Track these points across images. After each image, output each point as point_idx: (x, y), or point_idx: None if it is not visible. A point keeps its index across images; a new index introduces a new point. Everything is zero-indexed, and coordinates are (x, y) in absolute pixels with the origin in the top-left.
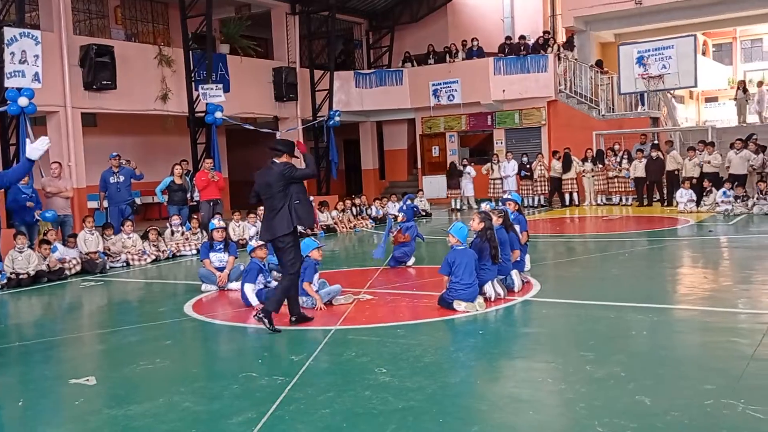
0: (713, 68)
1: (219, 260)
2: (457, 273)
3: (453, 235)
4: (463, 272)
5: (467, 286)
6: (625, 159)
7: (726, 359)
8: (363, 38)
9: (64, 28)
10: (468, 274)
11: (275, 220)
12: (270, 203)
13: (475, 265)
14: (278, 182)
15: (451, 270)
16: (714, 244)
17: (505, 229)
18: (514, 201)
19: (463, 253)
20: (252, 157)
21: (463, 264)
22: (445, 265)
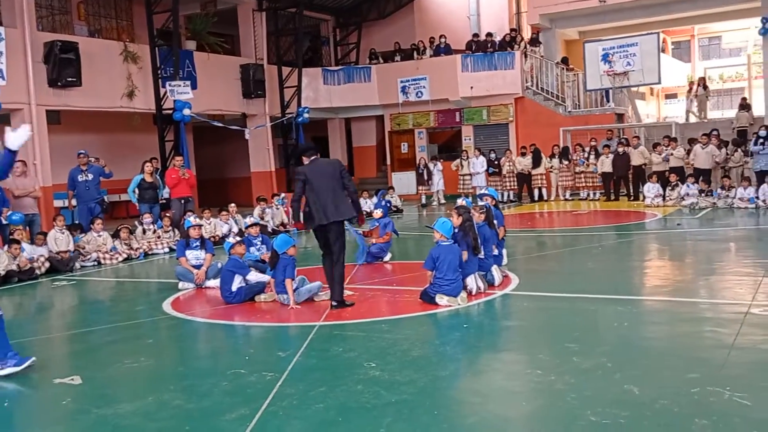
0: (673, 65)
1: (196, 258)
2: (441, 269)
3: (437, 230)
4: (447, 268)
5: (451, 282)
6: (592, 155)
7: (707, 348)
8: (330, 35)
9: (27, 24)
10: (452, 270)
11: (343, 205)
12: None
13: (459, 261)
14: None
15: (435, 265)
16: (682, 237)
17: (488, 225)
18: (491, 196)
19: (448, 249)
20: (220, 155)
21: (447, 260)
22: (429, 260)
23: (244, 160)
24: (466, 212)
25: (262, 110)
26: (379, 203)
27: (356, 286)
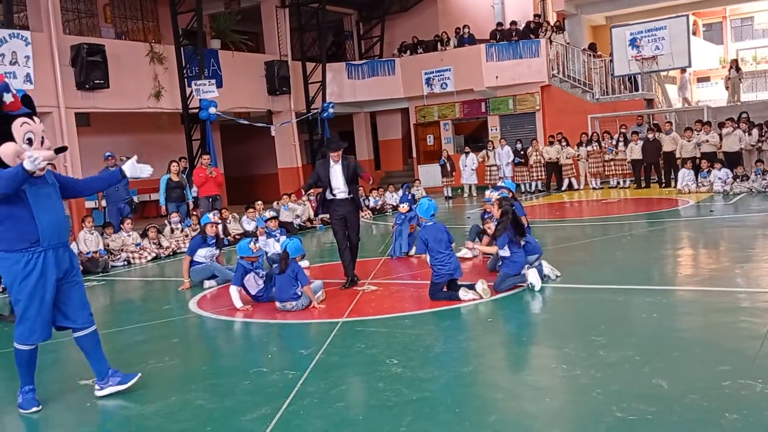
0: (704, 48)
1: (211, 254)
2: (433, 248)
3: (420, 215)
4: (438, 246)
5: (448, 256)
6: (621, 142)
7: (739, 339)
8: (353, 29)
9: (54, 28)
10: (443, 245)
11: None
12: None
13: (448, 237)
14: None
15: (428, 247)
16: (715, 224)
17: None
18: (508, 188)
19: (433, 228)
20: (247, 152)
21: (435, 238)
22: (420, 244)
23: (271, 156)
24: (507, 203)
25: (288, 107)
26: (404, 197)
27: (380, 281)
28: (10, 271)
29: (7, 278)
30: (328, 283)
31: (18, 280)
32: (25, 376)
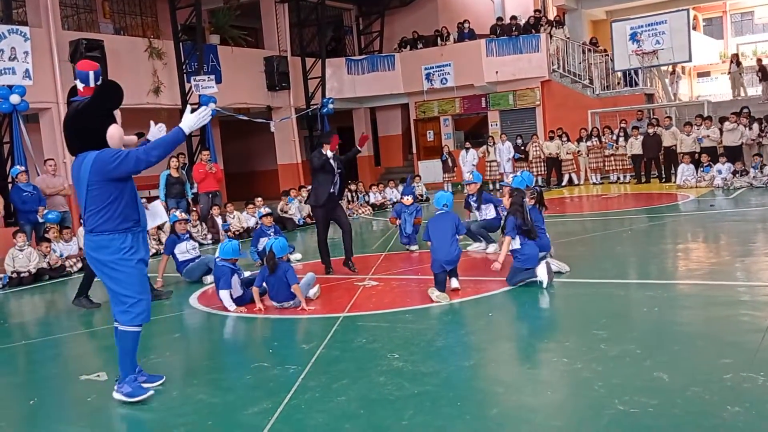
0: (704, 43)
1: (192, 247)
2: (436, 237)
3: (434, 205)
4: (441, 236)
5: (447, 251)
6: (622, 137)
7: (740, 333)
8: (353, 24)
9: (53, 24)
10: (446, 236)
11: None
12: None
13: (457, 228)
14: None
15: (430, 235)
16: (715, 219)
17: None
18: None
19: (441, 217)
20: (247, 148)
21: (439, 227)
22: (425, 231)
23: (271, 152)
24: (519, 194)
25: (287, 102)
26: (407, 189)
27: (381, 276)
28: (118, 251)
29: (111, 258)
30: (330, 278)
31: (125, 260)
32: (131, 362)
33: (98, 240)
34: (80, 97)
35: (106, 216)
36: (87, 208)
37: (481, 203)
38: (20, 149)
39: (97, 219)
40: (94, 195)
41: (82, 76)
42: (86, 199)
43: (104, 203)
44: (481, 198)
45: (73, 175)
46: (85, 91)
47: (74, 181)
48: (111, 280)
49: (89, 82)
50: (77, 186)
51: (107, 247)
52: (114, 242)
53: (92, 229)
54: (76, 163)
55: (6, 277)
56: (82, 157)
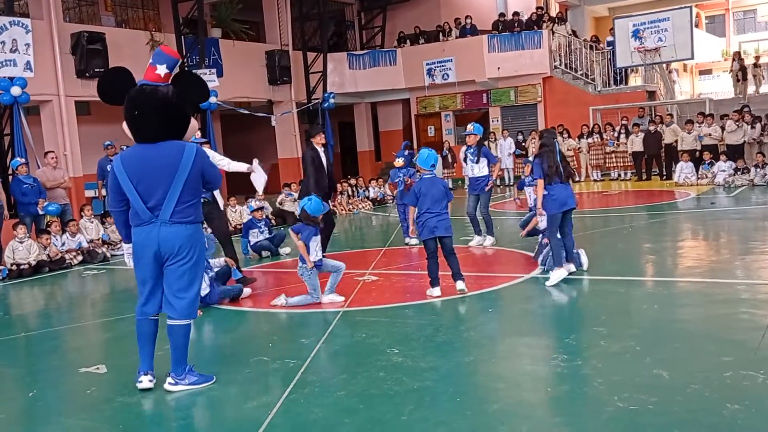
0: (707, 40)
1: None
2: (424, 202)
3: (419, 165)
4: (430, 201)
5: (436, 215)
6: (623, 134)
7: (741, 331)
8: (355, 19)
9: (54, 16)
10: (436, 202)
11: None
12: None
13: (446, 196)
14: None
15: (417, 199)
16: (716, 217)
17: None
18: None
19: (430, 182)
20: (248, 142)
21: (429, 193)
22: (411, 194)
23: (272, 147)
24: (549, 135)
25: (288, 97)
26: (402, 152)
27: (381, 271)
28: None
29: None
30: (329, 273)
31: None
32: (186, 354)
33: (194, 229)
34: (157, 83)
35: (198, 208)
36: (183, 199)
37: (480, 157)
38: (21, 141)
39: (194, 210)
40: (192, 187)
41: (171, 62)
42: (182, 190)
43: (198, 195)
44: (481, 152)
45: (146, 162)
46: (166, 77)
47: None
48: (190, 272)
49: (174, 69)
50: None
51: (199, 238)
52: (202, 233)
53: (190, 220)
54: (149, 151)
55: (5, 269)
56: (169, 145)
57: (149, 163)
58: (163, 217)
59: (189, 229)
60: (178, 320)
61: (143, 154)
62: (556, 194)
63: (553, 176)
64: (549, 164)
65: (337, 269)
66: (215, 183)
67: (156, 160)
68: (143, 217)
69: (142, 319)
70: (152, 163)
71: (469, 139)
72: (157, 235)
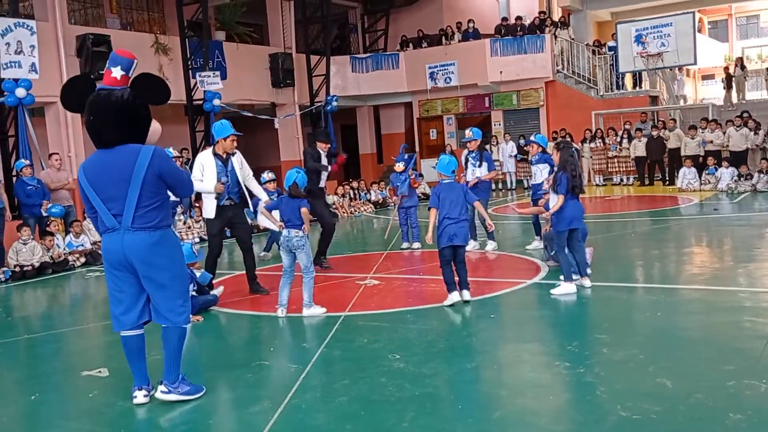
0: (709, 46)
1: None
2: (443, 207)
3: (439, 171)
4: (450, 206)
5: (455, 221)
6: (626, 138)
7: (744, 339)
8: (358, 22)
9: (59, 18)
10: (455, 207)
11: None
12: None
13: (466, 198)
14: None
15: (439, 203)
16: (719, 223)
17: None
18: (538, 143)
19: (449, 186)
20: (251, 145)
21: (449, 198)
22: (433, 197)
23: (275, 149)
24: (567, 147)
25: (291, 99)
26: (401, 156)
27: (383, 275)
28: (177, 246)
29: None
30: (330, 276)
31: (180, 254)
32: (179, 360)
33: (159, 236)
34: (114, 87)
35: (165, 211)
36: (142, 204)
37: (482, 161)
38: (25, 143)
39: (156, 215)
40: (151, 190)
41: (126, 64)
42: (140, 194)
43: (161, 198)
44: (482, 156)
45: (104, 168)
46: (123, 80)
47: (101, 176)
48: (172, 277)
49: (130, 71)
50: (108, 181)
51: (169, 243)
52: (173, 237)
53: (154, 225)
54: (106, 156)
55: (8, 271)
56: (125, 149)
57: (107, 169)
58: (125, 223)
59: (153, 236)
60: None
61: (101, 159)
62: (567, 212)
63: (573, 190)
64: (573, 176)
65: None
66: (181, 189)
67: (112, 166)
68: (108, 224)
69: (124, 336)
70: (109, 169)
71: (471, 144)
72: (121, 243)
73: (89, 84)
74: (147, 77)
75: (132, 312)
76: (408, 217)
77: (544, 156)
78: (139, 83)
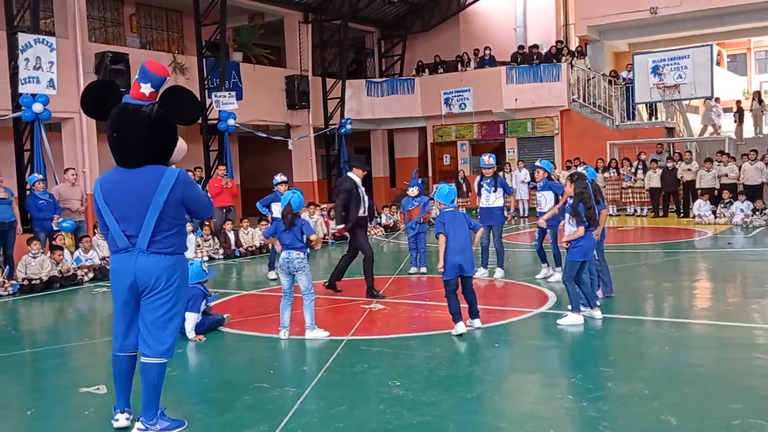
0: (728, 79)
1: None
2: (449, 235)
3: (437, 200)
4: (455, 235)
5: (461, 250)
6: (640, 169)
7: (752, 377)
8: (375, 47)
9: (80, 36)
10: (460, 235)
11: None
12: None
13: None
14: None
15: (446, 228)
16: (732, 257)
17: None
18: (543, 168)
19: (452, 215)
20: (264, 165)
21: (453, 227)
22: (439, 224)
23: (287, 170)
24: (580, 178)
25: (306, 121)
26: (414, 181)
27: (388, 300)
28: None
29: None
30: (335, 300)
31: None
32: (159, 396)
33: (174, 261)
34: (142, 101)
35: (182, 237)
36: (160, 228)
37: (497, 187)
38: (40, 157)
39: (175, 241)
40: (171, 215)
41: (157, 82)
42: (159, 218)
43: (180, 223)
44: (497, 182)
45: (122, 186)
46: (151, 96)
47: (118, 195)
48: (169, 307)
49: (160, 87)
50: (126, 201)
51: (181, 270)
52: (185, 264)
53: (171, 252)
54: (126, 175)
55: (17, 284)
56: (148, 170)
57: (125, 188)
58: (140, 245)
59: (168, 260)
60: (153, 358)
61: (120, 178)
62: (582, 243)
63: (588, 221)
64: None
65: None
66: (202, 213)
67: (132, 186)
68: (120, 244)
69: (119, 356)
70: (128, 189)
71: (486, 171)
72: (134, 265)
73: (114, 92)
74: (177, 92)
75: (131, 336)
76: (417, 242)
77: (549, 183)
78: (168, 99)
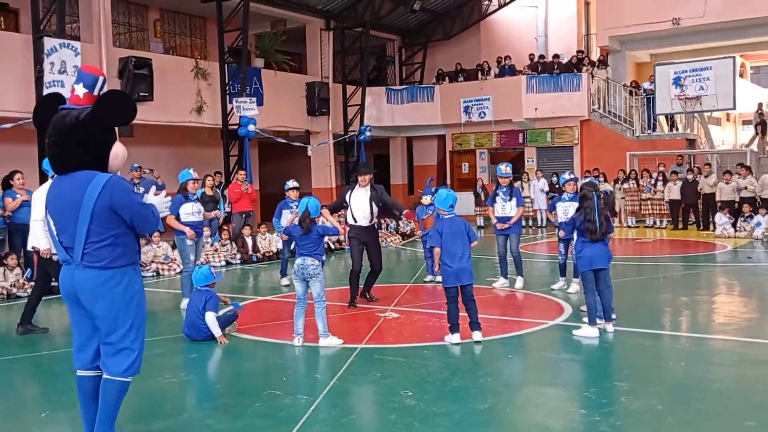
0: (751, 90)
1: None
2: (446, 243)
3: (438, 206)
4: (453, 243)
5: (459, 258)
6: (660, 181)
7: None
8: (396, 54)
9: (104, 40)
10: (459, 244)
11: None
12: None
13: (469, 234)
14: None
15: (442, 240)
16: (752, 272)
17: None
18: (574, 181)
19: (451, 222)
20: (283, 170)
21: (451, 235)
22: (435, 235)
23: (306, 176)
24: (588, 188)
25: (326, 128)
26: (428, 189)
27: (403, 308)
28: (137, 288)
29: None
30: (347, 308)
31: (138, 298)
32: (114, 417)
33: (110, 275)
34: (77, 106)
35: (120, 249)
36: (90, 239)
37: (513, 196)
38: None
39: (108, 253)
40: (101, 225)
41: (89, 81)
42: (89, 228)
43: (114, 234)
44: (512, 192)
45: (58, 195)
46: (86, 98)
47: (55, 204)
48: (118, 323)
49: (95, 89)
50: (60, 210)
51: (121, 285)
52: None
53: (104, 265)
54: (62, 183)
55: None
56: (79, 176)
57: (60, 197)
58: (76, 258)
59: (102, 276)
60: (111, 376)
61: (57, 186)
62: (584, 253)
63: (587, 233)
64: (587, 219)
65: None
66: (141, 225)
67: (64, 193)
68: (61, 256)
69: (78, 375)
70: (61, 197)
71: (504, 180)
72: (71, 279)
73: (59, 102)
74: (110, 93)
75: (86, 351)
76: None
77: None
78: (100, 100)
